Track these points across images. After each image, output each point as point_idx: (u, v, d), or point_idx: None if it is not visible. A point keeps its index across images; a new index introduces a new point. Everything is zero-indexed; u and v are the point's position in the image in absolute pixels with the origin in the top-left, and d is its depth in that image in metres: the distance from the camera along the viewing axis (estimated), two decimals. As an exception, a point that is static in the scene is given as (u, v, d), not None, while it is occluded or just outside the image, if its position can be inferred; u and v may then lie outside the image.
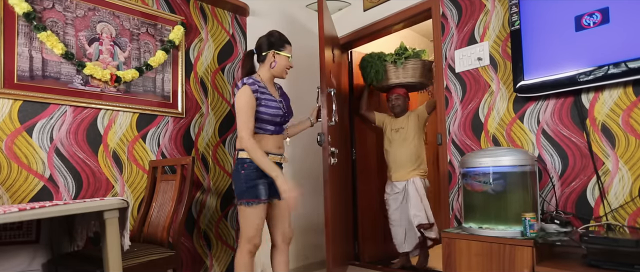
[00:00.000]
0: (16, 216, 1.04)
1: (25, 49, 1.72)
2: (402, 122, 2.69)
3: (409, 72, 2.67)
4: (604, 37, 1.61)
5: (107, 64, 1.96)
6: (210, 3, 2.41)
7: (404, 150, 2.62)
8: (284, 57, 1.76)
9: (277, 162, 1.75)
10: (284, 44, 1.77)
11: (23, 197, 1.68)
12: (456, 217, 2.19)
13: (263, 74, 1.76)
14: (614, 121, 1.67)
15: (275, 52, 1.74)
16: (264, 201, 1.66)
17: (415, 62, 2.67)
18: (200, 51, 2.35)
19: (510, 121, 1.99)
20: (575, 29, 1.69)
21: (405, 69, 2.66)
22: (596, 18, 1.63)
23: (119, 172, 1.97)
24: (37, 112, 1.74)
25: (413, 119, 2.66)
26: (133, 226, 1.95)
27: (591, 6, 1.65)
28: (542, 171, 1.85)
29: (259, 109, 1.67)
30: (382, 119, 2.82)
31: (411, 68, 2.67)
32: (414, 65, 2.66)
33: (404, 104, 2.73)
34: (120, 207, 1.27)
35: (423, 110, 2.68)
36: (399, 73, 2.68)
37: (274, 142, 1.74)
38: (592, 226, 1.67)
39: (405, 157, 2.61)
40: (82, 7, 1.89)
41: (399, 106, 2.71)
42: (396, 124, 2.72)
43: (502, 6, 2.05)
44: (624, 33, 1.56)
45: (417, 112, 2.68)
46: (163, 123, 2.15)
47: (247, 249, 1.66)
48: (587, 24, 1.65)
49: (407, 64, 2.66)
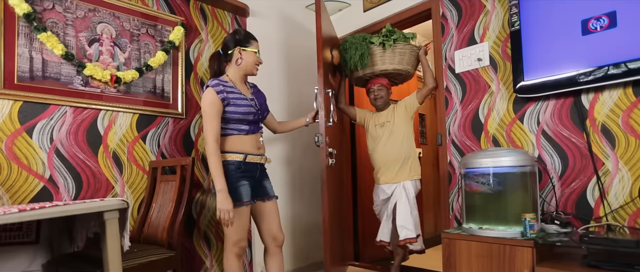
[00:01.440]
0: (16, 216, 1.04)
1: (26, 50, 1.72)
2: (387, 115, 2.30)
3: (397, 57, 2.26)
4: (611, 42, 1.58)
5: (107, 64, 1.96)
6: (211, 4, 2.41)
7: (391, 147, 2.24)
8: (250, 53, 1.71)
9: (258, 162, 1.72)
10: (249, 40, 1.72)
11: (23, 197, 1.68)
12: (456, 217, 2.19)
13: (231, 73, 1.72)
14: (613, 122, 1.67)
15: (241, 48, 1.70)
16: (247, 202, 1.63)
17: (404, 47, 2.27)
18: (200, 52, 2.35)
19: (510, 122, 1.99)
20: (582, 32, 1.66)
21: (393, 54, 2.26)
22: (603, 22, 1.60)
23: (119, 172, 1.97)
24: (37, 112, 1.74)
25: (400, 111, 2.28)
26: (133, 226, 1.95)
27: (598, 9, 1.62)
28: (542, 171, 1.85)
29: (228, 109, 1.63)
30: (363, 115, 2.43)
31: (399, 53, 2.26)
32: (403, 50, 2.27)
33: (387, 96, 2.34)
34: (120, 208, 1.27)
35: (412, 100, 2.27)
36: (385, 58, 2.26)
37: (251, 142, 1.70)
38: (592, 226, 1.67)
39: (393, 155, 2.23)
40: (83, 7, 1.90)
41: (382, 98, 2.31)
42: (380, 118, 2.32)
43: (501, 7, 2.05)
44: (632, 37, 1.54)
45: (405, 103, 2.29)
46: (163, 124, 2.15)
47: (234, 252, 1.63)
48: (594, 28, 1.63)
49: (395, 47, 2.25)
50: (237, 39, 1.72)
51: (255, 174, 1.72)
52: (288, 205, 2.62)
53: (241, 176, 1.63)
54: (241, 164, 1.65)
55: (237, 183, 1.62)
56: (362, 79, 2.42)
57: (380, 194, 2.29)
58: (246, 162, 1.66)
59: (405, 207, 2.15)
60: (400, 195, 2.17)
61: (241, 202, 1.61)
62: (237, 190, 1.61)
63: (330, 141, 2.08)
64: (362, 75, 2.36)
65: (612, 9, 1.58)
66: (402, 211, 2.14)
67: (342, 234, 2.47)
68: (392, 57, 2.26)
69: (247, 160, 1.66)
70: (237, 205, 1.59)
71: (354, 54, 2.27)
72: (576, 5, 1.70)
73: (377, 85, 2.32)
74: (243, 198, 1.62)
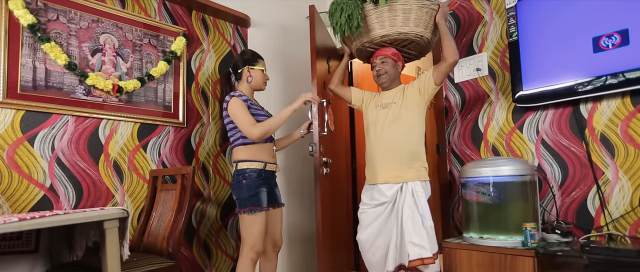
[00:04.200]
0: (16, 225, 1.05)
1: (29, 60, 1.74)
2: (394, 96, 1.78)
3: (400, 17, 1.69)
4: (623, 60, 1.57)
5: (110, 74, 1.98)
6: (212, 15, 2.44)
7: (395, 134, 1.72)
8: (258, 71, 1.87)
9: (273, 170, 1.83)
10: (256, 59, 1.88)
11: (23, 206, 1.69)
12: (457, 227, 2.18)
13: (243, 89, 1.86)
14: (612, 131, 1.68)
15: (249, 67, 1.86)
16: (266, 208, 1.72)
17: (409, 2, 1.68)
18: (201, 61, 2.37)
19: (510, 131, 1.99)
20: (593, 50, 1.65)
21: (393, 13, 1.70)
22: (615, 40, 1.60)
23: (119, 181, 1.97)
24: (39, 121, 1.76)
25: (413, 93, 1.75)
26: (133, 235, 1.94)
27: (610, 26, 1.60)
28: (542, 180, 1.85)
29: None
30: (361, 95, 1.92)
31: (402, 11, 1.69)
32: (407, 6, 1.68)
33: (394, 71, 1.81)
34: (120, 217, 1.27)
35: (429, 79, 1.72)
36: (384, 20, 1.71)
37: (269, 150, 1.83)
38: (594, 236, 1.67)
39: (396, 145, 1.71)
40: (86, 18, 1.92)
41: (387, 74, 1.78)
42: (384, 98, 1.82)
43: (500, 18, 2.07)
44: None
45: (419, 83, 1.75)
46: (164, 133, 2.16)
47: (250, 257, 1.69)
48: (606, 46, 1.62)
49: (394, 4, 1.68)
50: (245, 59, 1.88)
51: (271, 181, 1.84)
52: (287, 214, 2.62)
53: (261, 183, 1.73)
54: (262, 172, 1.75)
55: (258, 189, 1.71)
56: (365, 54, 1.93)
57: (376, 196, 1.73)
58: (266, 170, 1.77)
59: (415, 217, 1.62)
60: (407, 200, 1.65)
61: (261, 207, 1.70)
62: (258, 195, 1.70)
63: (326, 151, 2.07)
64: (360, 46, 1.84)
65: (624, 27, 1.58)
66: (411, 223, 1.61)
67: (339, 243, 2.46)
68: (392, 17, 1.70)
69: (266, 168, 1.77)
70: (257, 210, 1.68)
71: (341, 16, 1.72)
72: (585, 20, 1.68)
73: (380, 57, 1.80)
74: (263, 203, 1.71)
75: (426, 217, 1.63)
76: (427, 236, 1.60)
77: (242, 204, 1.70)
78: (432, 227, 1.64)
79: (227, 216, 2.39)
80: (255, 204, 1.68)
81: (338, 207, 2.56)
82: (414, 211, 1.63)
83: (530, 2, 1.86)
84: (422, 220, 1.62)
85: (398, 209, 1.67)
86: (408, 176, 1.69)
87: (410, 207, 1.64)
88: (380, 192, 1.72)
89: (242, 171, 1.72)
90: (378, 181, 1.74)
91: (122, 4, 2.06)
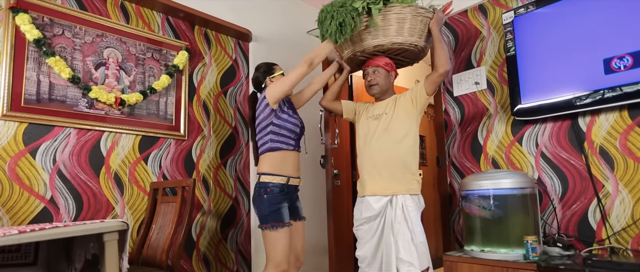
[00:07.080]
0: (16, 238, 1.05)
1: (34, 73, 1.76)
2: (386, 106, 1.75)
3: (393, 27, 1.66)
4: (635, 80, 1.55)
5: (113, 87, 2.00)
6: (214, 29, 2.48)
7: (384, 145, 1.68)
8: (279, 76, 1.86)
9: (296, 185, 1.78)
10: (272, 68, 1.89)
11: (23, 218, 1.68)
12: (457, 240, 2.16)
13: None
14: (611, 144, 1.69)
15: (270, 77, 1.86)
16: (288, 224, 1.67)
17: (403, 11, 1.65)
18: (203, 75, 2.40)
19: (509, 144, 2.00)
20: (604, 72, 1.62)
21: (387, 23, 1.67)
22: (627, 62, 1.58)
23: (119, 193, 1.97)
24: (42, 134, 1.77)
25: (405, 103, 1.72)
26: (132, 248, 1.93)
27: (621, 49, 1.57)
28: (543, 193, 1.85)
29: (282, 116, 1.74)
30: (352, 107, 1.91)
31: (396, 20, 1.66)
32: (401, 16, 1.66)
33: (387, 82, 1.78)
34: (120, 230, 1.27)
35: (421, 89, 1.69)
36: (377, 30, 1.68)
37: (295, 161, 1.77)
38: (595, 249, 1.65)
39: (384, 156, 1.67)
40: (91, 33, 1.96)
41: (378, 85, 1.76)
42: (376, 109, 1.79)
43: (497, 33, 2.10)
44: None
45: (411, 94, 1.72)
46: (165, 145, 2.17)
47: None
48: (618, 68, 1.60)
49: (388, 13, 1.65)
50: (263, 71, 1.88)
51: (293, 196, 1.79)
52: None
53: (283, 198, 1.69)
54: (284, 187, 1.70)
55: (280, 204, 1.66)
56: (357, 62, 1.89)
57: (364, 210, 1.69)
58: (288, 185, 1.72)
59: (404, 233, 1.57)
60: (397, 214, 1.60)
61: (283, 223, 1.64)
62: (279, 211, 1.65)
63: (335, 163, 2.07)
64: (352, 55, 1.81)
65: (636, 49, 1.55)
66: (400, 238, 1.57)
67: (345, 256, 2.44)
68: (386, 28, 1.67)
69: (289, 183, 1.73)
70: (280, 226, 1.63)
71: (330, 24, 1.65)
72: (596, 44, 1.66)
73: (372, 67, 1.77)
74: (285, 219, 1.66)
75: (416, 233, 1.58)
76: (417, 252, 1.57)
77: (263, 220, 1.65)
78: (422, 243, 1.59)
79: (227, 229, 2.38)
80: (277, 220, 1.63)
81: (342, 220, 2.54)
82: (403, 226, 1.59)
83: (528, 18, 1.89)
84: (411, 236, 1.57)
85: (391, 224, 1.62)
86: (397, 189, 1.63)
87: (399, 222, 1.59)
88: (368, 205, 1.68)
89: (264, 185, 1.67)
90: (366, 193, 1.70)
91: (126, 19, 2.10)
